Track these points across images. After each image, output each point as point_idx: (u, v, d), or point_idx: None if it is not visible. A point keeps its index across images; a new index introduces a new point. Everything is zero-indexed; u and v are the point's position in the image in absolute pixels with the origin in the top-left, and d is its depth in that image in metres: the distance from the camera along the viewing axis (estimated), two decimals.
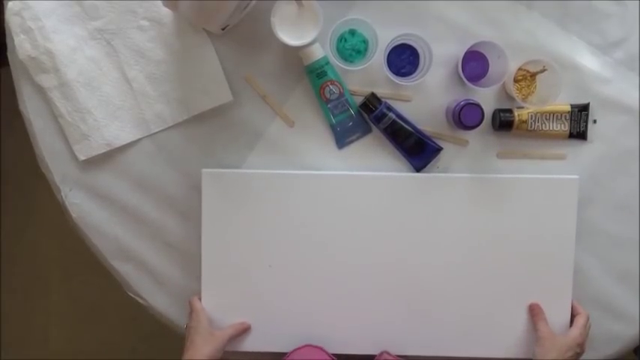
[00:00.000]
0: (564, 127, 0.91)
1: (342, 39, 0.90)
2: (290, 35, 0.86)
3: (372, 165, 0.92)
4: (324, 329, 0.91)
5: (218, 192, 0.91)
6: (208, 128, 0.93)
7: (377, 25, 0.86)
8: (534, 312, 0.89)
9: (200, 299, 0.91)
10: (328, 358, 0.88)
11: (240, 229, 0.91)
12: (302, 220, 0.90)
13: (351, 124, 0.91)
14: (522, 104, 0.88)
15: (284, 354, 0.90)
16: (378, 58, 0.87)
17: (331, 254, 0.90)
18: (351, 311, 0.91)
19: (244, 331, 0.90)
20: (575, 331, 0.86)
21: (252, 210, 0.90)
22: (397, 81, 0.88)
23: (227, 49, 0.92)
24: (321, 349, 0.89)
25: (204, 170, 0.91)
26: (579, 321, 0.87)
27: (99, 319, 1.64)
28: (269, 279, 0.91)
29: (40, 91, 0.93)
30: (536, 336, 0.87)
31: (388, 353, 0.89)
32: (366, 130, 0.92)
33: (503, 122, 0.89)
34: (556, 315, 0.89)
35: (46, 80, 0.92)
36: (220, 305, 0.91)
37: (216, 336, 0.86)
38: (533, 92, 0.91)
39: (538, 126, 0.90)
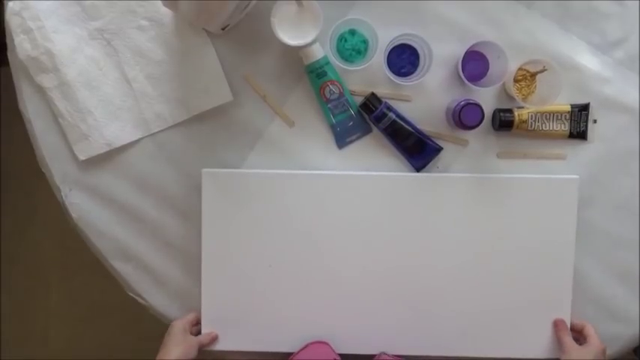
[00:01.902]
0: (564, 127, 0.91)
1: (342, 39, 0.90)
2: (290, 35, 0.86)
3: (372, 165, 0.92)
4: (324, 329, 0.90)
5: (218, 192, 0.90)
6: (208, 128, 0.93)
7: (377, 25, 0.86)
8: (558, 327, 0.89)
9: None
10: (333, 357, 0.88)
11: (240, 229, 0.91)
12: (302, 220, 0.90)
13: (351, 124, 0.91)
14: (522, 104, 0.88)
15: (283, 354, 0.90)
16: (378, 58, 0.87)
17: (331, 254, 0.90)
18: (352, 311, 0.91)
19: (213, 340, 0.91)
20: (595, 339, 0.86)
21: (252, 210, 0.90)
22: (397, 81, 0.88)
23: (227, 49, 0.92)
24: (327, 345, 0.89)
25: (204, 170, 0.91)
26: (591, 330, 0.87)
27: (99, 319, 1.64)
28: (269, 279, 0.91)
29: (40, 91, 0.93)
30: (562, 349, 0.87)
31: (385, 354, 0.89)
32: (366, 130, 0.92)
33: (503, 122, 0.89)
34: (556, 316, 0.89)
35: (46, 80, 0.92)
36: (220, 305, 0.91)
37: (188, 340, 0.87)
38: (533, 92, 0.91)
39: (538, 126, 0.90)
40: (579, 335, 0.89)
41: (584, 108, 0.91)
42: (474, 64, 0.90)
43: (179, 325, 0.88)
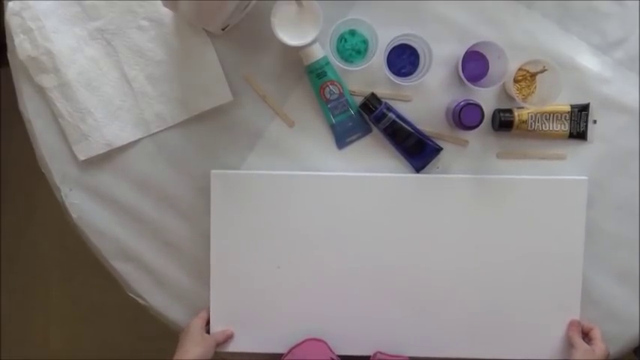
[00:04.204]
0: (564, 127, 0.91)
1: (342, 39, 0.90)
2: (290, 35, 0.86)
3: (372, 165, 0.92)
4: (331, 330, 0.90)
5: (227, 193, 0.90)
6: (208, 128, 0.93)
7: (377, 25, 0.86)
8: (571, 327, 0.89)
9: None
10: (329, 356, 0.88)
11: (249, 231, 0.90)
12: (307, 222, 0.90)
13: (351, 124, 0.91)
14: (522, 104, 0.88)
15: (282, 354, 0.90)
16: (378, 58, 0.87)
17: (333, 255, 0.90)
18: (355, 311, 0.91)
19: (228, 337, 0.91)
20: (599, 342, 0.86)
21: (260, 211, 0.90)
22: (397, 81, 0.88)
23: (227, 49, 0.92)
24: (324, 343, 0.89)
25: (213, 171, 0.90)
26: (597, 333, 0.88)
27: (99, 319, 1.64)
28: (276, 280, 0.90)
29: (40, 91, 0.93)
30: (573, 349, 0.87)
31: (381, 352, 0.89)
32: (366, 130, 0.92)
33: (503, 122, 0.89)
34: (564, 317, 0.90)
35: (46, 80, 0.92)
36: (229, 307, 0.91)
37: (206, 339, 0.87)
38: (533, 92, 0.91)
39: (538, 126, 0.90)
40: (584, 336, 0.89)
41: (584, 108, 0.91)
42: (474, 64, 0.90)
43: (197, 325, 0.88)
